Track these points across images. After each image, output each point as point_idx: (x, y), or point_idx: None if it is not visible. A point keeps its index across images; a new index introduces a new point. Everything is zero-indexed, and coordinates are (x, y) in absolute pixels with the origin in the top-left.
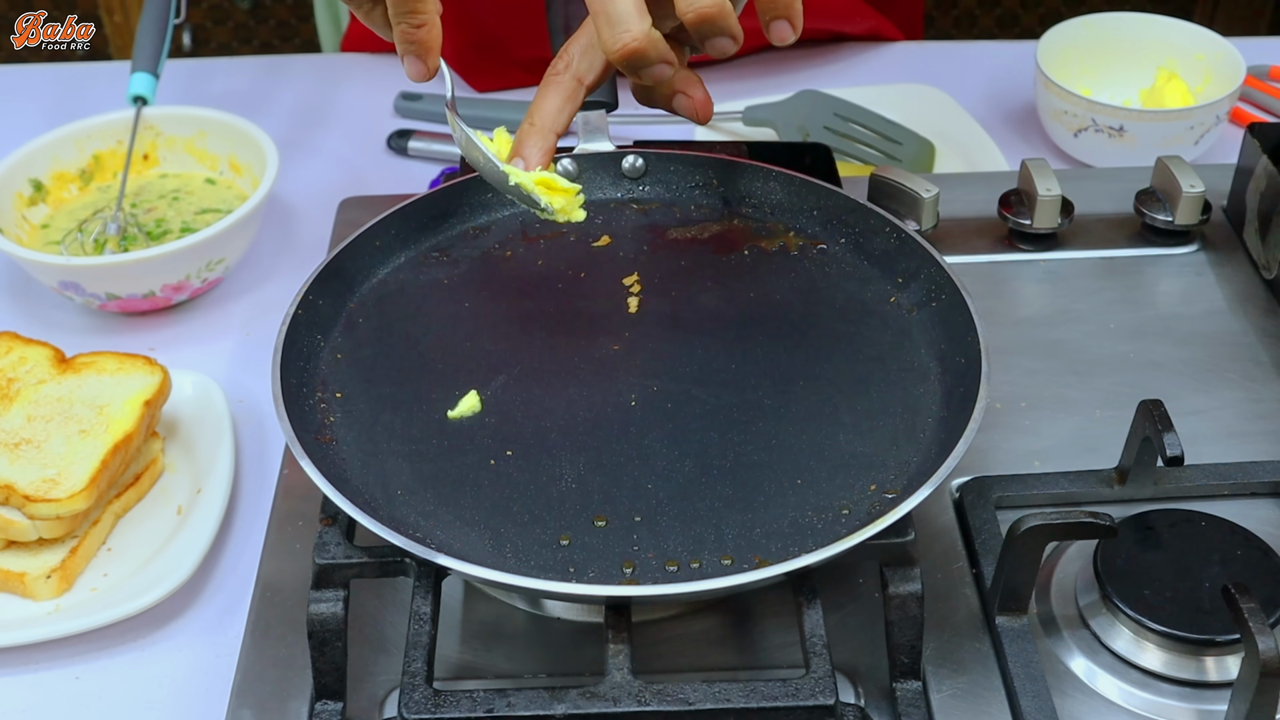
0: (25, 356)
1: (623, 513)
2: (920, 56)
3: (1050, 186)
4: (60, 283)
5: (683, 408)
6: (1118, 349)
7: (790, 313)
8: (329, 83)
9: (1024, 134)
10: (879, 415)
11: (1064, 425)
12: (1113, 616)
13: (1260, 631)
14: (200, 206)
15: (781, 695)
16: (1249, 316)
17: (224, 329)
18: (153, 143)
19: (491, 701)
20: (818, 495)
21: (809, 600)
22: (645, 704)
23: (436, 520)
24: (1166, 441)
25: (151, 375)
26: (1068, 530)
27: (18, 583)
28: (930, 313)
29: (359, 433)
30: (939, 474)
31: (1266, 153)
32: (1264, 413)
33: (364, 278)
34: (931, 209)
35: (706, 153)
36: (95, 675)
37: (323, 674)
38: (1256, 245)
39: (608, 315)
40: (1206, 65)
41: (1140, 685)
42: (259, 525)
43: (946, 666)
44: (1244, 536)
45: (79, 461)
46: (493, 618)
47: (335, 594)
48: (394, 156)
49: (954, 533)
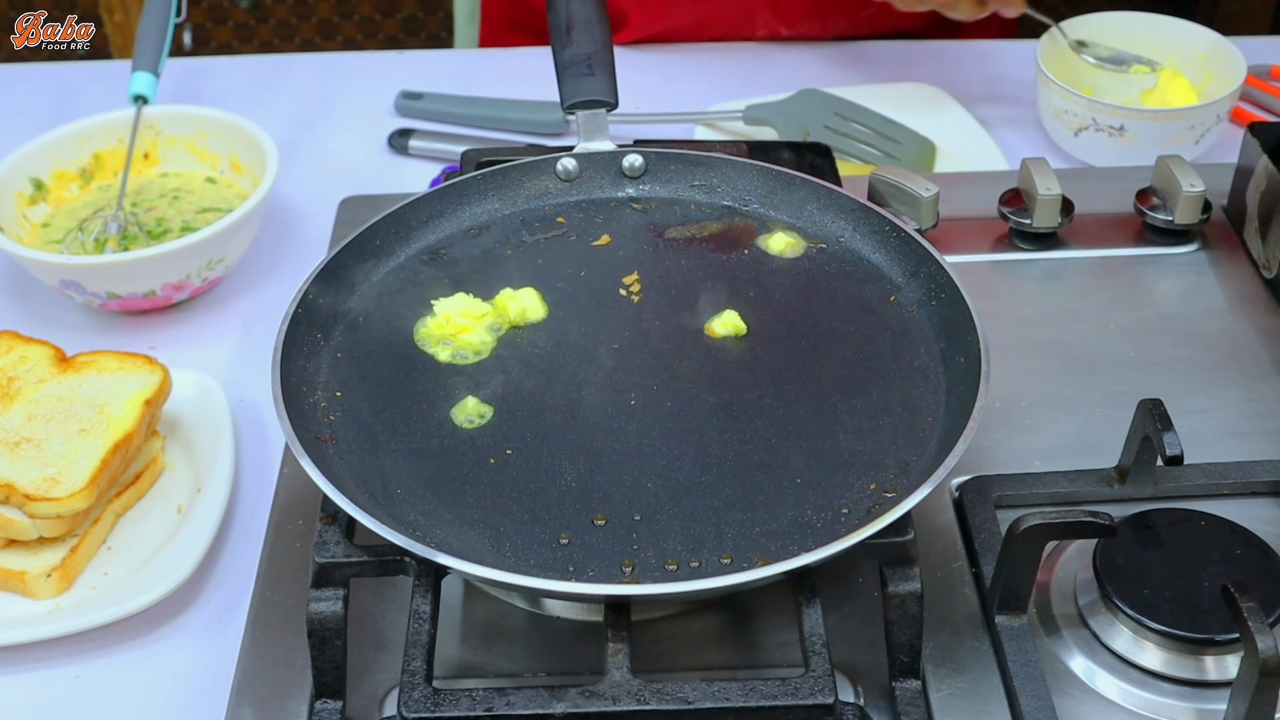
0: (26, 355)
1: (622, 512)
2: (921, 55)
3: (1050, 186)
4: (61, 282)
5: (683, 407)
6: (1117, 348)
7: (790, 312)
8: (329, 82)
9: (1024, 133)
10: (879, 415)
11: (1064, 424)
12: (1112, 616)
13: (1260, 631)
14: (200, 205)
15: (781, 694)
16: (1249, 316)
17: (224, 328)
18: (153, 142)
19: (491, 700)
20: (817, 494)
21: (808, 599)
22: (645, 703)
23: (436, 519)
24: (1166, 441)
25: (152, 374)
26: (1067, 529)
27: (18, 581)
28: (930, 312)
29: (359, 432)
30: (939, 473)
31: (1267, 152)
32: (1264, 412)
33: (364, 277)
34: (931, 208)
35: (706, 151)
36: (95, 674)
37: (322, 673)
38: (1257, 245)
39: (608, 314)
40: (1207, 64)
41: (1139, 684)
42: (259, 524)
43: (946, 665)
44: (1243, 536)
45: (79, 460)
46: (492, 617)
47: (335, 593)
48: (394, 155)
49: (953, 532)
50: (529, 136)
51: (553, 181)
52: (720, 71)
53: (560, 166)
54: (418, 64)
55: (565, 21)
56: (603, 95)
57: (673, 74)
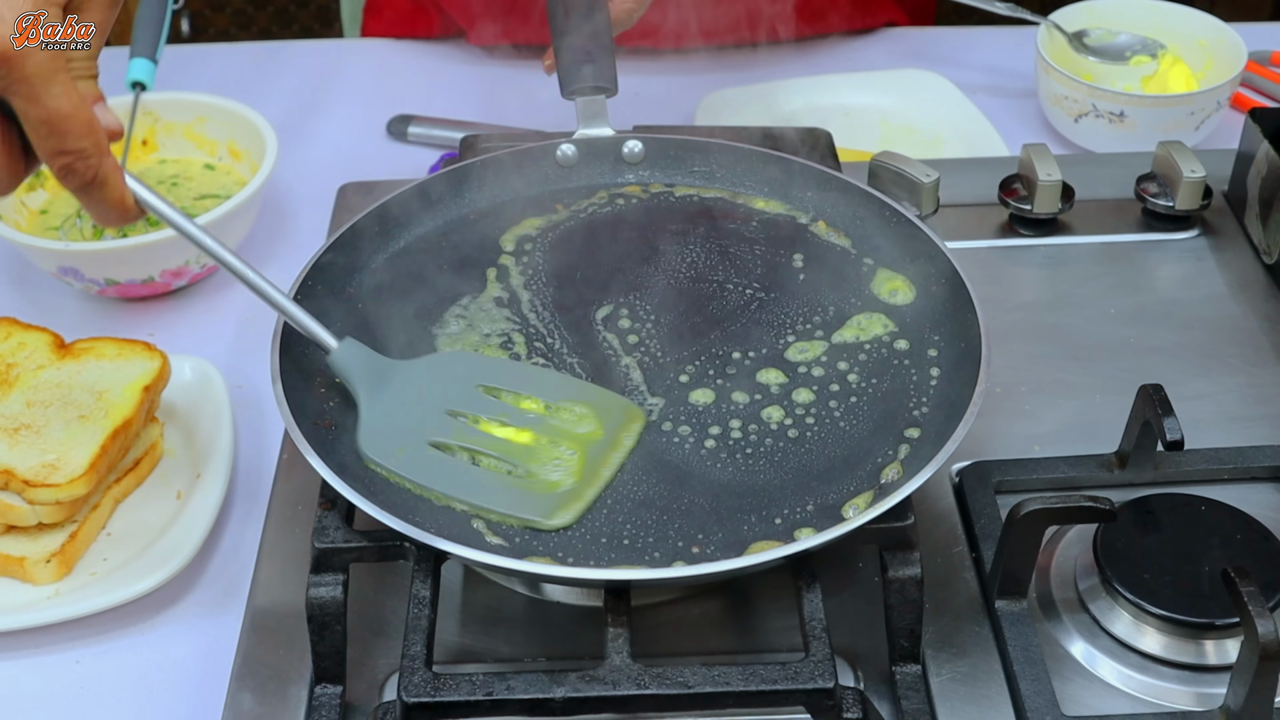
0: (25, 342)
1: (622, 496)
2: (922, 42)
3: (1051, 171)
4: (59, 268)
5: (683, 390)
6: (1118, 334)
7: (790, 297)
8: (328, 68)
9: (1025, 119)
10: (878, 399)
11: (1064, 410)
12: (1112, 600)
13: (1260, 615)
14: (199, 192)
15: (781, 679)
16: (1249, 301)
17: (223, 314)
18: (151, 128)
19: (491, 684)
20: (817, 479)
21: (808, 584)
22: (644, 687)
23: (436, 504)
24: (1166, 426)
25: (151, 361)
26: (1067, 514)
27: (17, 567)
28: (930, 297)
29: (358, 417)
30: (938, 458)
31: (1267, 138)
32: (1264, 397)
33: (363, 263)
34: (932, 194)
35: (706, 137)
36: (95, 659)
37: (322, 658)
38: (1257, 230)
39: (608, 299)
40: (1208, 50)
41: (1139, 669)
42: (258, 510)
43: (946, 650)
44: (1244, 521)
45: (78, 447)
46: (492, 602)
47: (334, 578)
48: (393, 142)
49: (954, 517)
50: None
51: (552, 167)
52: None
53: (560, 152)
54: (417, 52)
55: (563, 7)
56: (602, 82)
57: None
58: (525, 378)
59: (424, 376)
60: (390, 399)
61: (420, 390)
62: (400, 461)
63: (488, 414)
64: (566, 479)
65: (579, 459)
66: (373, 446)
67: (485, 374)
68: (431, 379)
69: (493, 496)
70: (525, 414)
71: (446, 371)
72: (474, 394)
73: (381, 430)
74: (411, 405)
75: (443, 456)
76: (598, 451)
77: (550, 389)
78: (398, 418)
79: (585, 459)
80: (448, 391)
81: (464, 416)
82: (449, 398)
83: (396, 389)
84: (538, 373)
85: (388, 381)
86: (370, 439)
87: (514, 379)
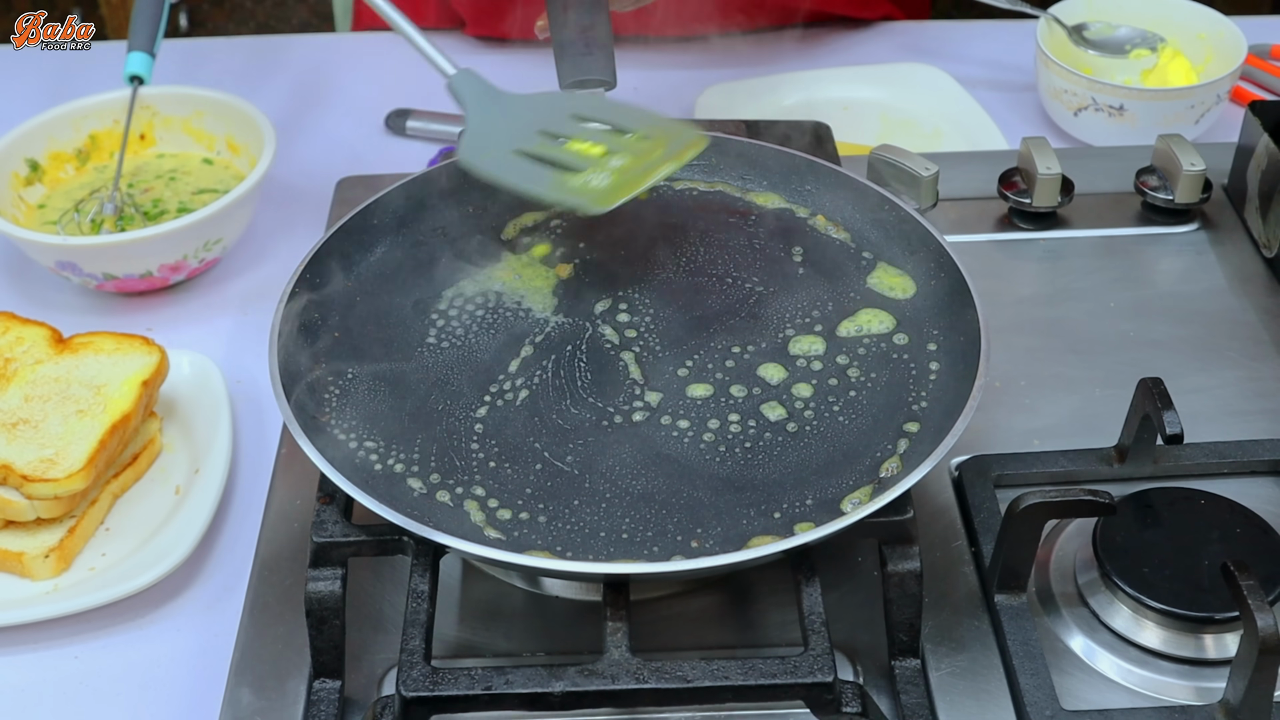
0: (22, 337)
1: (622, 491)
2: (921, 36)
3: (1050, 165)
4: (57, 263)
5: (681, 384)
6: (1117, 328)
7: (789, 291)
8: (326, 62)
9: (1024, 113)
10: (878, 394)
11: (1063, 404)
12: (1112, 594)
13: (1259, 609)
14: (197, 186)
15: (780, 673)
16: (1249, 295)
17: (222, 309)
18: (149, 122)
19: (490, 679)
20: (816, 473)
21: (808, 578)
22: (644, 682)
23: (433, 498)
24: (1166, 420)
25: (149, 355)
26: (1067, 508)
27: (16, 562)
28: (930, 291)
29: (357, 412)
30: (938, 452)
31: (1267, 131)
32: (1264, 391)
33: (362, 257)
34: (931, 188)
35: (706, 130)
36: (94, 655)
37: (321, 652)
38: (1257, 224)
39: (607, 292)
40: (1208, 44)
41: (1139, 663)
42: (257, 504)
43: (945, 644)
44: (1243, 515)
45: (77, 441)
46: (491, 596)
47: (333, 572)
48: (392, 136)
49: (953, 511)
50: None
51: None
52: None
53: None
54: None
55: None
56: (600, 74)
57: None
58: (612, 109)
59: (525, 105)
60: (493, 118)
61: (520, 114)
62: (483, 161)
63: (573, 133)
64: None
65: (634, 163)
66: (468, 151)
67: (579, 106)
68: (533, 107)
69: (545, 187)
70: (602, 133)
71: (546, 102)
72: (566, 119)
73: (477, 141)
74: (510, 123)
75: (517, 158)
76: (654, 163)
77: (633, 119)
78: (495, 133)
79: (642, 165)
80: (543, 116)
81: (553, 136)
82: (542, 120)
83: (500, 111)
84: (624, 106)
85: (493, 104)
86: (467, 148)
87: (603, 110)
